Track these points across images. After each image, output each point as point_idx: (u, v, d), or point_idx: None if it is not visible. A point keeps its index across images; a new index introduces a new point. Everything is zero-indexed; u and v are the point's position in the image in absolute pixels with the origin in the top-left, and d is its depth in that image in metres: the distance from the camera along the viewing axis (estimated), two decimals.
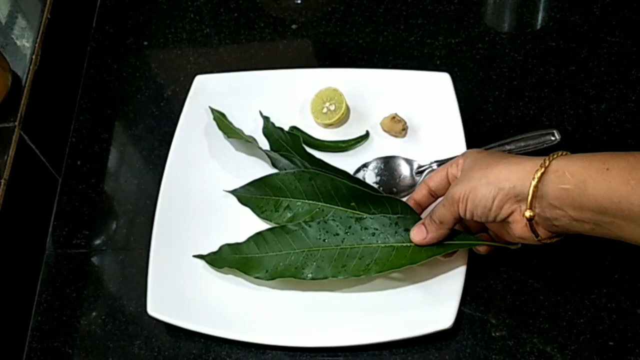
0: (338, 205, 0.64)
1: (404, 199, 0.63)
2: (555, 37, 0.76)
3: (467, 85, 0.74)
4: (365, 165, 0.69)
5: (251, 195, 0.68)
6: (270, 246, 0.63)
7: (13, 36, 0.75)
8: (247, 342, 0.62)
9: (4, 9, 0.77)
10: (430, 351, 0.61)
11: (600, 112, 0.71)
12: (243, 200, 0.69)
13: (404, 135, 0.70)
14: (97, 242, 0.71)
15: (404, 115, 0.70)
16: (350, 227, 0.62)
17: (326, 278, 0.60)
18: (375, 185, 0.68)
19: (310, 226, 0.62)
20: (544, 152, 0.66)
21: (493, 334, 0.61)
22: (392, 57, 0.77)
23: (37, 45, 0.73)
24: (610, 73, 0.73)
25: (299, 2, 0.84)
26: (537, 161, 0.52)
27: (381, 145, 0.70)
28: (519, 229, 0.54)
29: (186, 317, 0.63)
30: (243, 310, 0.63)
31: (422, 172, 0.67)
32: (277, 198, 0.66)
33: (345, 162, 0.68)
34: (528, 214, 0.52)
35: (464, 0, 0.80)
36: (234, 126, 0.72)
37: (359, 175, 0.69)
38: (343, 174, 0.66)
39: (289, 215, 0.66)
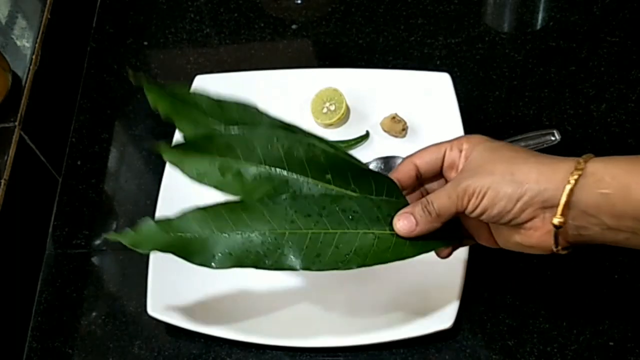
0: (308, 176, 0.50)
1: None
2: (555, 37, 0.76)
3: (467, 85, 0.74)
4: None
5: (184, 150, 0.51)
6: (220, 224, 0.48)
7: (13, 36, 0.75)
8: (247, 342, 0.61)
9: (4, 9, 0.77)
10: (430, 351, 0.61)
11: (600, 112, 0.71)
12: (171, 158, 0.51)
13: (404, 135, 0.70)
14: (97, 242, 0.71)
15: (404, 115, 0.70)
16: (324, 208, 0.49)
17: (296, 269, 0.48)
18: None
19: (274, 202, 0.49)
20: (544, 152, 0.66)
21: (493, 334, 0.61)
22: (392, 57, 0.77)
23: (37, 45, 0.73)
24: (610, 73, 0.73)
25: (299, 2, 0.84)
26: (569, 162, 0.45)
27: (381, 145, 0.70)
28: (536, 236, 0.47)
29: (186, 317, 0.63)
30: (243, 310, 0.63)
31: None
32: (223, 159, 0.50)
33: None
34: (557, 220, 0.45)
35: (464, 0, 0.80)
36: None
37: None
38: (323, 140, 0.52)
39: (238, 184, 0.50)
